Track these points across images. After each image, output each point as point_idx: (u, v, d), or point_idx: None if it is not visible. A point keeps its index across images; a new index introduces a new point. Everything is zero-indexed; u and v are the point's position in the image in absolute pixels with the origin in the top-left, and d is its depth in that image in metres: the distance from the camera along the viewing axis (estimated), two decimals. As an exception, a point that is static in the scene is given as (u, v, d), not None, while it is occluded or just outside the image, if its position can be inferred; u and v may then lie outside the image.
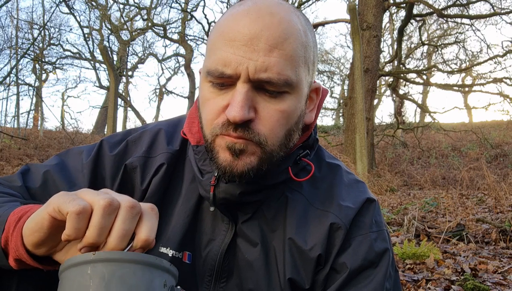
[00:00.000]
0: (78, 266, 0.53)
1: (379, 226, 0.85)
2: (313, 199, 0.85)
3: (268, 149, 0.75)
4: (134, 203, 0.58)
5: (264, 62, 0.69)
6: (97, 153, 0.92)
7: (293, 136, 0.79)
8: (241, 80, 0.71)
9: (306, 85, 0.78)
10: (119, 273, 0.52)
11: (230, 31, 0.72)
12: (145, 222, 0.59)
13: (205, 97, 0.76)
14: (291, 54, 0.72)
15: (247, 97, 0.70)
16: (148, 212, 0.60)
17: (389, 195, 7.98)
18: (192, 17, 18.94)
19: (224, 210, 0.84)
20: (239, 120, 0.70)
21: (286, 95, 0.74)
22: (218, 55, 0.72)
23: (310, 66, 0.78)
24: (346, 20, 12.40)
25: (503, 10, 12.54)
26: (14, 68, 14.97)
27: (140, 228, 0.58)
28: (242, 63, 0.69)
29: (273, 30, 0.70)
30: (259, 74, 0.70)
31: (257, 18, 0.71)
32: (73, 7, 14.52)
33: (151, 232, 0.58)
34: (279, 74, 0.70)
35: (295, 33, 0.73)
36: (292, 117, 0.76)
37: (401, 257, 3.40)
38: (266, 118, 0.73)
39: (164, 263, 0.56)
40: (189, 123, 0.89)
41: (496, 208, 5.69)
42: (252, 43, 0.70)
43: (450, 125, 20.92)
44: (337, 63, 26.23)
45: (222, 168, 0.75)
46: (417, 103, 17.71)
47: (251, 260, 0.83)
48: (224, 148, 0.74)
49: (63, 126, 19.48)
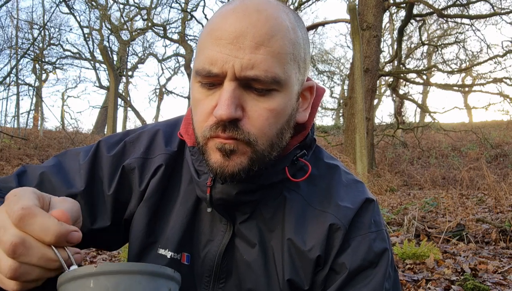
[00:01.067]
0: (79, 279, 0.52)
1: (378, 226, 0.84)
2: (311, 199, 0.85)
3: (259, 148, 0.74)
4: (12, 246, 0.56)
5: (250, 60, 0.69)
6: (95, 153, 0.92)
7: (284, 135, 0.78)
8: (228, 79, 0.70)
9: (296, 83, 0.77)
10: (123, 286, 0.51)
11: (216, 29, 0.72)
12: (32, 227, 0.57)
13: (195, 99, 0.76)
14: (278, 51, 0.71)
15: (233, 96, 0.70)
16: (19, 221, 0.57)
17: (389, 195, 7.98)
18: (192, 17, 18.96)
19: (222, 210, 0.83)
20: (226, 118, 0.69)
21: (274, 93, 0.73)
22: (205, 54, 0.72)
23: (300, 63, 0.77)
24: (346, 20, 12.39)
25: (503, 10, 12.54)
26: (14, 68, 14.99)
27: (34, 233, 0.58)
28: (228, 61, 0.69)
29: (259, 27, 0.70)
30: (245, 72, 0.69)
31: (243, 16, 0.71)
32: (73, 7, 14.54)
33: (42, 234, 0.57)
34: (266, 72, 0.70)
35: (283, 30, 0.72)
36: (282, 116, 0.75)
37: (401, 257, 3.40)
38: (254, 117, 0.72)
39: (168, 271, 0.55)
40: (186, 124, 0.88)
41: (496, 208, 5.69)
42: (238, 41, 0.69)
43: (450, 125, 20.92)
44: (337, 63, 26.25)
45: (214, 169, 0.75)
46: (417, 103, 17.72)
47: (250, 260, 0.83)
48: (214, 149, 0.74)
49: (63, 126, 19.50)
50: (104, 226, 0.88)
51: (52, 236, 0.57)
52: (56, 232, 0.57)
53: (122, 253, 3.51)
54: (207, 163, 0.76)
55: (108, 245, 0.95)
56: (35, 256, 0.57)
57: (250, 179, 0.78)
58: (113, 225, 0.89)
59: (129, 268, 0.52)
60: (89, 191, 0.87)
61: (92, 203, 0.88)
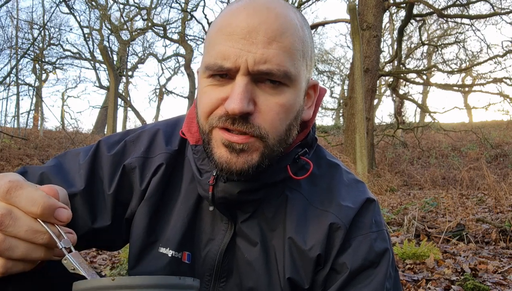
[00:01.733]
0: None
1: (379, 226, 0.84)
2: (312, 198, 0.85)
3: (270, 143, 0.74)
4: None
5: (263, 54, 0.70)
6: (95, 153, 0.92)
7: (292, 131, 0.79)
8: (241, 73, 0.71)
9: (304, 80, 0.78)
10: None
11: (228, 25, 0.72)
12: (17, 201, 0.58)
13: (203, 91, 0.76)
14: (289, 47, 0.72)
15: (246, 90, 0.70)
16: (5, 196, 0.58)
17: (389, 195, 7.98)
18: (192, 17, 18.95)
19: (223, 209, 0.83)
20: (239, 112, 0.69)
21: (285, 89, 0.73)
22: (216, 50, 0.72)
23: (307, 61, 0.78)
24: (346, 20, 12.40)
25: (503, 10, 12.54)
26: (14, 68, 14.98)
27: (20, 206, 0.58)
28: (241, 56, 0.70)
29: (271, 23, 0.71)
30: (258, 66, 0.70)
31: (255, 12, 0.72)
32: (73, 7, 14.53)
33: (29, 201, 0.58)
34: (278, 66, 0.70)
35: (293, 27, 0.73)
36: (292, 112, 0.76)
37: (401, 257, 3.40)
38: (266, 112, 0.73)
39: (187, 281, 0.54)
40: (188, 123, 0.88)
41: (496, 208, 5.69)
42: (250, 36, 0.70)
43: (450, 125, 20.92)
44: (337, 63, 26.25)
45: (219, 164, 0.74)
46: (417, 103, 17.71)
47: (251, 259, 0.83)
48: (219, 143, 0.74)
49: (63, 126, 19.49)
50: (105, 225, 0.88)
51: (39, 207, 0.57)
52: (43, 203, 0.58)
53: (122, 253, 3.51)
54: (211, 155, 0.76)
55: (109, 244, 0.95)
56: (22, 227, 0.57)
57: (253, 177, 0.78)
58: (113, 224, 0.89)
59: (147, 282, 0.51)
60: (89, 190, 0.87)
61: (92, 202, 0.87)
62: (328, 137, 16.55)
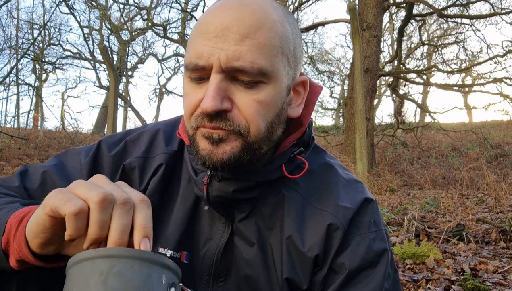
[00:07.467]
0: (80, 263, 0.55)
1: (377, 226, 0.84)
2: (309, 197, 0.85)
3: (250, 139, 0.74)
4: (126, 198, 0.59)
5: (235, 52, 0.70)
6: (96, 153, 0.92)
7: (275, 129, 0.78)
8: (214, 71, 0.71)
9: (286, 77, 0.77)
10: (116, 268, 0.53)
11: (203, 24, 0.73)
12: (140, 212, 0.60)
13: (185, 93, 0.78)
14: (264, 44, 0.71)
15: (219, 88, 0.71)
16: (139, 203, 0.61)
17: (389, 195, 7.97)
18: (192, 17, 18.92)
19: (220, 208, 0.83)
20: (211, 111, 0.70)
21: (262, 85, 0.73)
22: (193, 49, 0.73)
23: (290, 57, 0.77)
24: (346, 20, 12.39)
25: (503, 10, 12.53)
26: (14, 68, 14.98)
27: (136, 219, 0.60)
28: (214, 53, 0.70)
29: (245, 20, 0.71)
30: (231, 63, 0.70)
31: (228, 9, 0.72)
32: (73, 7, 14.51)
33: (147, 221, 0.60)
34: (252, 63, 0.70)
35: (269, 23, 0.73)
36: (272, 108, 0.75)
37: (401, 257, 3.40)
38: (244, 108, 0.73)
39: (163, 260, 0.57)
40: (184, 124, 0.89)
41: (496, 208, 5.69)
42: (223, 34, 0.70)
43: (450, 125, 20.91)
44: (337, 63, 26.20)
45: (202, 157, 0.75)
46: (417, 103, 17.71)
47: (249, 258, 0.83)
48: (201, 137, 0.75)
49: (63, 126, 19.47)
50: None
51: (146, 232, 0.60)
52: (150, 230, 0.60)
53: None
54: (197, 152, 0.77)
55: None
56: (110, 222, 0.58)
57: (246, 176, 0.78)
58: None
59: (123, 253, 0.55)
60: None
61: None
62: (328, 137, 16.54)
